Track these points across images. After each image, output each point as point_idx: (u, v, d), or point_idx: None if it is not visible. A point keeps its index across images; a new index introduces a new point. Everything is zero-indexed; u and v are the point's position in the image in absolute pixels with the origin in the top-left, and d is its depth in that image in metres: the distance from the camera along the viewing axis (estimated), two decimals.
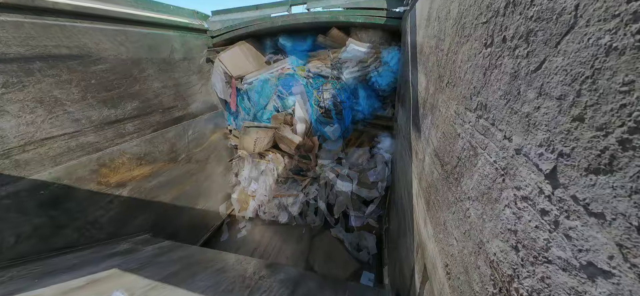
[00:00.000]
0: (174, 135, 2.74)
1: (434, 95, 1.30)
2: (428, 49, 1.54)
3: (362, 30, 3.17)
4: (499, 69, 0.66)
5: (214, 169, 3.37)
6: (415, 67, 1.97)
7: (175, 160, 2.77)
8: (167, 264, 1.78)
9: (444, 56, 1.16)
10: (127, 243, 2.12)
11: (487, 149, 0.70)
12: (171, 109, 2.71)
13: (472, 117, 0.81)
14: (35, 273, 1.46)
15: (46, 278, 1.43)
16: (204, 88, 3.16)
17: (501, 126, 0.64)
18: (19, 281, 1.36)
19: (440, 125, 1.16)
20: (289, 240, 3.21)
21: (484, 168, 0.71)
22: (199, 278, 1.66)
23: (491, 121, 0.69)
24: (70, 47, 1.81)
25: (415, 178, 1.68)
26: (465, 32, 0.90)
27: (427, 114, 1.46)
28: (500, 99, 0.65)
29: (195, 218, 3.08)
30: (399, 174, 2.55)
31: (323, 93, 3.04)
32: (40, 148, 1.69)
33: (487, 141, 0.70)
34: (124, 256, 1.84)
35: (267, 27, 3.03)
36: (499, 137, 0.65)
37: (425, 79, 1.58)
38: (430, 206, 1.23)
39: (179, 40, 2.81)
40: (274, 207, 3.54)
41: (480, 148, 0.74)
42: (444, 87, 1.13)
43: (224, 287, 1.59)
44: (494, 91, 0.68)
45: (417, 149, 1.70)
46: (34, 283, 1.34)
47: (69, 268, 1.58)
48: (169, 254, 1.97)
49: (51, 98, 1.73)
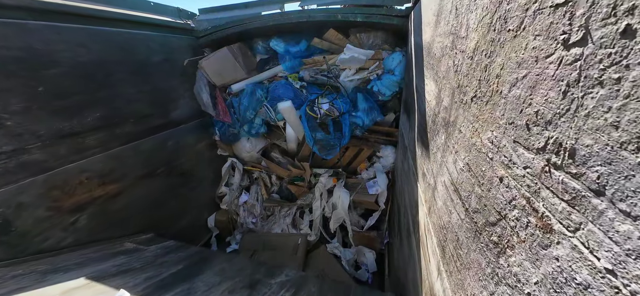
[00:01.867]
0: (151, 147, 2.43)
1: (450, 109, 0.99)
2: (439, 50, 1.23)
3: (363, 31, 2.86)
4: (610, 87, 0.34)
5: (201, 181, 3.05)
6: (421, 71, 1.66)
7: (152, 175, 2.46)
8: (170, 264, 1.75)
9: (467, 59, 0.85)
10: (131, 242, 2.03)
11: (583, 234, 0.39)
12: (147, 117, 2.40)
13: (537, 163, 0.49)
14: (39, 272, 1.43)
15: (51, 275, 1.41)
16: (188, 93, 2.86)
17: (620, 200, 0.33)
18: (23, 280, 1.33)
19: (461, 152, 0.85)
20: (282, 254, 2.87)
21: (573, 268, 0.40)
22: (200, 278, 1.64)
23: (591, 183, 0.37)
24: (9, 48, 1.50)
25: (423, 204, 1.37)
26: (511, 25, 0.58)
27: (438, 131, 1.15)
28: (615, 147, 0.33)
29: (180, 234, 2.77)
30: (402, 188, 2.24)
31: (319, 104, 2.73)
32: None
33: (582, 219, 0.39)
34: (127, 255, 1.80)
35: (256, 26, 2.73)
36: (611, 219, 0.34)
37: (435, 86, 1.27)
38: (448, 258, 0.91)
39: (158, 41, 2.51)
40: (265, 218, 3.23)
41: (561, 225, 0.43)
42: (468, 102, 0.81)
43: (225, 287, 1.57)
44: (595, 128, 0.36)
45: (425, 169, 1.39)
46: (37, 281, 1.33)
47: (77, 264, 1.57)
48: (171, 254, 1.93)
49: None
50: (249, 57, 3.10)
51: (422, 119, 1.53)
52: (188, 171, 2.87)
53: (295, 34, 3.03)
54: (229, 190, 3.21)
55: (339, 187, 2.89)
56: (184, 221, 2.85)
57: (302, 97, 2.96)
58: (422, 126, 1.51)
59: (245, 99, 2.80)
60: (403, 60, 2.65)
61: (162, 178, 2.56)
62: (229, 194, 3.16)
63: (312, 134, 2.65)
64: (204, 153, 3.11)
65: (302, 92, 2.97)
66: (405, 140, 2.20)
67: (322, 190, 2.95)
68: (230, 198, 3.16)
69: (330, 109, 2.78)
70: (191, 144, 2.92)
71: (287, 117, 2.63)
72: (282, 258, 2.70)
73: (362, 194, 2.81)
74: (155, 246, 2.04)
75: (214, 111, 2.91)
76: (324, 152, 2.71)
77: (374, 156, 3.09)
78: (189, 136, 2.89)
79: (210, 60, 2.75)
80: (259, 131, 3.04)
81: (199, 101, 2.88)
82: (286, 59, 3.00)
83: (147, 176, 2.42)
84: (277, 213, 3.21)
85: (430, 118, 1.34)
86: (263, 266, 1.88)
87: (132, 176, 2.29)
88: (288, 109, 2.44)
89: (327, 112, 2.75)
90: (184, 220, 2.84)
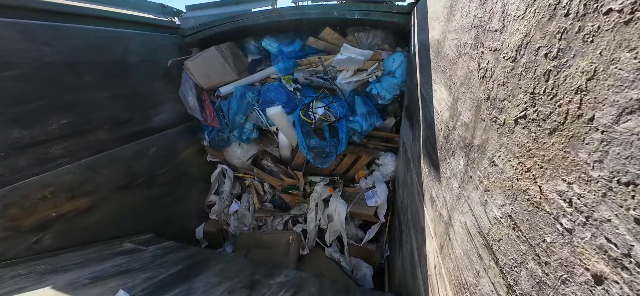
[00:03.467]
0: (129, 155, 2.16)
1: (474, 128, 0.72)
2: (453, 50, 0.96)
3: (361, 30, 2.59)
4: None
5: (188, 190, 2.79)
6: (427, 74, 1.38)
7: (132, 185, 2.19)
8: (169, 265, 1.71)
9: (504, 61, 0.57)
10: (131, 242, 1.95)
11: None
12: (125, 123, 2.13)
13: None
14: (38, 272, 1.39)
15: (50, 276, 1.37)
16: (174, 96, 2.58)
17: None
18: (21, 281, 1.29)
19: (495, 193, 0.58)
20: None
21: None
22: (200, 278, 1.61)
23: None
24: None
25: (431, 236, 1.10)
26: (615, 3, 0.31)
27: (454, 153, 0.87)
28: None
29: None
30: (404, 202, 1.97)
31: (313, 108, 2.45)
32: None
33: None
34: (127, 256, 1.75)
35: (246, 24, 2.45)
36: None
37: (448, 94, 1.00)
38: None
39: (137, 40, 2.23)
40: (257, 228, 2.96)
41: None
42: (509, 124, 0.54)
43: (224, 288, 1.54)
44: None
45: (433, 193, 1.12)
46: (36, 281, 1.29)
47: (77, 264, 1.53)
48: (171, 255, 1.88)
49: None
50: (240, 57, 2.83)
51: (429, 131, 1.26)
52: (174, 180, 2.60)
53: (289, 33, 2.76)
54: (219, 199, 2.94)
55: (336, 197, 2.62)
56: (169, 233, 2.58)
57: (296, 101, 2.69)
58: (429, 140, 1.24)
59: (234, 102, 2.53)
60: (405, 61, 2.37)
61: (144, 188, 2.29)
62: (218, 203, 2.90)
63: (305, 141, 2.38)
64: (192, 159, 2.84)
65: (296, 95, 2.69)
66: (407, 151, 1.92)
67: (317, 200, 2.68)
68: (219, 207, 2.89)
69: (325, 114, 2.51)
70: (177, 151, 2.65)
71: (278, 124, 2.36)
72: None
73: (360, 206, 2.54)
74: (154, 246, 1.96)
75: (201, 116, 2.64)
76: (319, 160, 2.44)
77: (373, 164, 2.82)
78: (175, 142, 2.62)
79: (197, 60, 2.48)
80: (250, 137, 2.76)
81: (185, 105, 2.61)
82: (279, 59, 2.72)
83: (126, 187, 2.16)
84: (269, 222, 2.94)
85: (440, 132, 1.07)
86: (262, 267, 1.82)
87: (108, 187, 2.03)
88: (278, 114, 2.16)
89: (322, 117, 2.47)
90: (167, 233, 2.58)
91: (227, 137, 2.71)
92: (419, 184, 1.42)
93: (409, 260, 1.57)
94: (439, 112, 1.10)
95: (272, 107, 2.18)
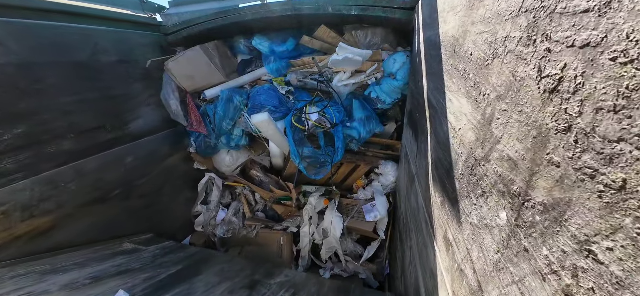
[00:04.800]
0: (100, 166, 1.88)
1: (529, 172, 0.43)
2: (481, 47, 0.67)
3: (359, 28, 2.29)
4: None
5: (172, 200, 2.51)
6: (438, 79, 1.10)
7: (104, 199, 1.91)
8: (169, 265, 1.66)
9: (616, 68, 0.28)
10: (131, 243, 1.88)
11: None
12: (94, 131, 1.85)
13: None
14: (38, 272, 1.34)
15: (50, 276, 1.33)
16: (154, 99, 2.30)
17: None
18: (21, 281, 1.24)
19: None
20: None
21: None
22: (200, 278, 1.57)
23: None
24: None
25: (445, 286, 0.82)
26: None
27: (488, 196, 0.59)
28: None
29: None
30: (408, 225, 1.70)
31: (306, 113, 2.17)
32: None
33: None
34: (126, 256, 1.69)
35: (233, 21, 2.16)
36: None
37: (473, 108, 0.71)
38: None
39: (109, 37, 1.95)
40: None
41: None
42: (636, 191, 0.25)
43: (224, 288, 1.51)
44: None
45: (449, 233, 0.84)
46: (36, 281, 1.26)
47: (77, 264, 1.49)
48: (170, 255, 1.82)
49: None
50: (229, 57, 2.54)
51: (441, 151, 0.97)
52: (155, 190, 2.32)
53: (282, 31, 2.46)
54: (206, 209, 2.66)
55: (331, 210, 2.34)
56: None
57: (289, 105, 2.40)
58: (442, 163, 0.96)
59: (221, 107, 2.25)
60: (407, 62, 2.08)
61: (119, 201, 2.02)
62: (204, 214, 2.62)
63: (297, 150, 2.10)
64: (177, 167, 2.56)
65: (289, 99, 2.41)
66: (411, 164, 1.64)
67: (311, 213, 2.40)
68: (206, 217, 2.62)
69: (320, 120, 2.22)
70: (160, 158, 2.37)
71: (266, 132, 2.07)
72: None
73: (358, 220, 2.27)
74: (154, 246, 1.90)
75: (185, 121, 2.36)
76: (313, 170, 2.16)
77: (372, 173, 2.54)
78: (157, 149, 2.34)
79: (179, 61, 2.20)
80: (240, 144, 2.48)
81: (167, 109, 2.32)
82: (271, 60, 2.43)
83: (97, 201, 1.88)
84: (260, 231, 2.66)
85: (459, 157, 0.78)
86: (262, 267, 1.78)
87: (74, 203, 1.75)
88: (265, 122, 1.87)
89: (316, 123, 2.19)
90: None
91: (214, 144, 2.43)
92: (426, 212, 1.14)
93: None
94: (457, 130, 0.82)
95: (257, 115, 1.89)
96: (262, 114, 1.84)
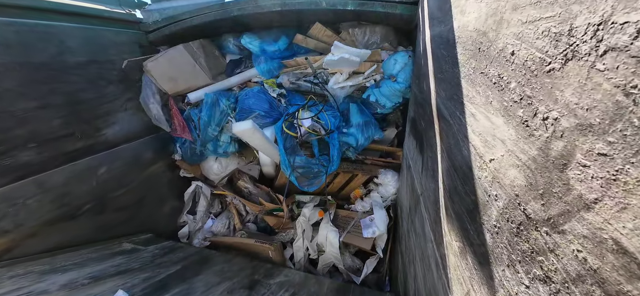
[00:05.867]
0: (68, 178, 1.65)
1: None
2: (536, 45, 0.43)
3: (356, 26, 2.06)
4: None
5: (154, 212, 2.27)
6: (453, 86, 0.86)
7: (74, 216, 1.69)
8: (168, 264, 1.62)
9: None
10: (130, 243, 1.82)
11: None
12: (61, 139, 1.62)
13: None
14: (37, 272, 1.28)
15: (49, 276, 1.27)
16: (133, 103, 2.06)
17: None
18: (20, 281, 1.19)
19: None
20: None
21: None
22: (199, 278, 1.52)
23: None
24: None
25: None
26: None
27: (553, 286, 0.34)
28: None
29: None
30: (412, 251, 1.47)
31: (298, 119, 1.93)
32: None
33: None
34: (126, 256, 1.64)
35: (218, 18, 1.92)
36: None
37: (514, 132, 0.47)
38: None
39: (78, 35, 1.71)
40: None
41: None
42: None
43: (224, 288, 1.47)
44: None
45: (469, 286, 0.60)
46: (35, 281, 1.20)
47: (76, 264, 1.42)
48: (170, 255, 1.78)
49: None
50: (216, 57, 2.30)
51: (460, 183, 0.74)
52: (135, 202, 2.09)
53: (273, 29, 2.22)
54: (192, 220, 2.43)
55: (326, 223, 2.11)
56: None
57: (281, 109, 2.17)
58: (460, 197, 0.72)
59: (205, 111, 2.01)
60: (409, 62, 1.85)
61: (90, 217, 1.79)
62: (189, 225, 2.39)
63: (289, 159, 1.86)
64: (162, 175, 2.33)
65: (281, 103, 2.17)
66: (415, 181, 1.41)
67: (304, 226, 2.17)
68: (191, 228, 2.39)
69: (313, 126, 1.99)
70: (140, 167, 2.14)
71: (251, 142, 1.84)
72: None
73: (355, 236, 2.03)
74: (153, 246, 1.85)
75: (168, 126, 2.12)
76: (305, 182, 1.93)
77: (371, 182, 2.30)
78: (137, 157, 2.11)
79: (159, 61, 1.96)
80: (228, 150, 2.25)
81: (147, 114, 2.09)
82: (262, 60, 2.20)
83: (64, 218, 1.65)
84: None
85: (492, 201, 0.55)
86: (262, 267, 1.75)
87: (35, 222, 1.52)
88: (249, 131, 1.63)
89: (309, 129, 1.95)
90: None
91: (200, 151, 2.20)
92: (438, 252, 0.90)
93: None
94: (488, 161, 0.58)
95: (239, 123, 1.64)
96: (246, 123, 1.59)
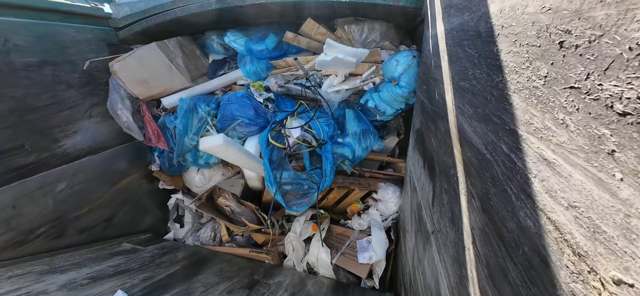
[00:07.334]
0: (15, 198, 1.38)
1: None
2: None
3: (353, 22, 1.77)
4: None
5: (131, 227, 2.00)
6: (494, 104, 0.57)
7: (23, 242, 1.42)
8: (167, 265, 1.56)
9: None
10: (129, 243, 1.77)
11: None
12: (7, 154, 1.35)
13: None
14: (37, 272, 1.24)
15: (48, 276, 1.24)
16: (99, 109, 1.78)
17: None
18: (19, 281, 1.15)
19: None
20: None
21: None
22: (198, 278, 1.48)
23: None
24: None
25: None
26: None
27: None
28: None
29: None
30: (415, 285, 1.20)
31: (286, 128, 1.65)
32: None
33: None
34: (125, 256, 1.57)
35: (194, 11, 1.64)
36: None
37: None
38: None
39: (27, 32, 1.44)
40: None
41: None
42: None
43: (223, 288, 1.42)
44: None
45: None
46: (34, 281, 1.17)
47: (75, 265, 1.38)
48: (169, 255, 1.72)
49: None
50: (197, 57, 2.02)
51: (511, 265, 0.46)
52: (105, 220, 1.82)
53: (259, 24, 1.94)
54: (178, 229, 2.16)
55: (317, 242, 1.83)
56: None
57: (268, 116, 1.89)
58: (509, 282, 0.45)
59: (181, 119, 1.73)
60: (413, 64, 1.56)
61: (47, 242, 1.52)
62: (175, 233, 2.13)
63: (275, 175, 1.58)
64: (137, 188, 2.05)
65: (267, 108, 1.89)
66: (423, 211, 1.13)
67: (294, 244, 1.89)
68: (176, 236, 2.12)
69: (304, 136, 1.71)
70: (111, 180, 1.86)
71: (226, 159, 1.55)
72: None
73: (349, 259, 1.76)
74: (153, 246, 1.81)
75: (140, 135, 1.84)
76: (293, 201, 1.65)
77: (369, 197, 2.02)
78: (107, 170, 1.83)
79: (127, 62, 1.68)
80: (210, 161, 1.97)
81: (116, 121, 1.81)
82: (247, 60, 1.92)
83: (13, 244, 1.38)
84: None
85: None
86: (262, 267, 1.74)
87: None
88: (221, 148, 1.32)
89: (298, 140, 1.67)
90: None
91: (178, 162, 1.92)
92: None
93: None
94: (604, 281, 0.30)
95: (207, 139, 1.34)
96: (216, 138, 1.29)
